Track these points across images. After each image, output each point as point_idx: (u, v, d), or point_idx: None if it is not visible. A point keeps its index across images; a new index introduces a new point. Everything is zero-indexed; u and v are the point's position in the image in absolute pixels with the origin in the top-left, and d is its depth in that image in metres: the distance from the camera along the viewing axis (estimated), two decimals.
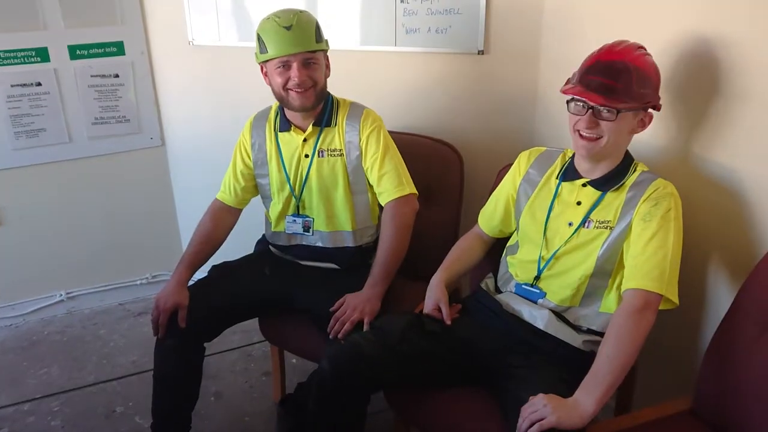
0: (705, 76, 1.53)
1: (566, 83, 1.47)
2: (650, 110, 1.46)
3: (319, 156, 1.83)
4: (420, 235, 1.85)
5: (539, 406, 1.26)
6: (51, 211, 2.65)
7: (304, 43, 1.71)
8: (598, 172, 1.50)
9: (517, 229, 1.67)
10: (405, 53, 2.21)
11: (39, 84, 2.46)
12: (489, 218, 1.76)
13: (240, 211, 1.98)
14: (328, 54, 1.81)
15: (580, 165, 1.53)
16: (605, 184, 1.49)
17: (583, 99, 1.40)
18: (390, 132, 1.89)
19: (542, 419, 1.23)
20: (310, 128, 1.82)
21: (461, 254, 1.77)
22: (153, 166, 2.76)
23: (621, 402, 1.72)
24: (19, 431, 2.10)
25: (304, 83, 1.72)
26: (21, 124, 2.47)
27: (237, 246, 2.00)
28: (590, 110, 1.40)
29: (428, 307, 1.65)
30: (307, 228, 1.90)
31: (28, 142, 2.51)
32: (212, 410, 2.17)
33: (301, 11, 1.74)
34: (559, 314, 1.53)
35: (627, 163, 1.50)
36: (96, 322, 2.74)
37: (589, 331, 1.50)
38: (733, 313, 1.40)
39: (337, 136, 1.83)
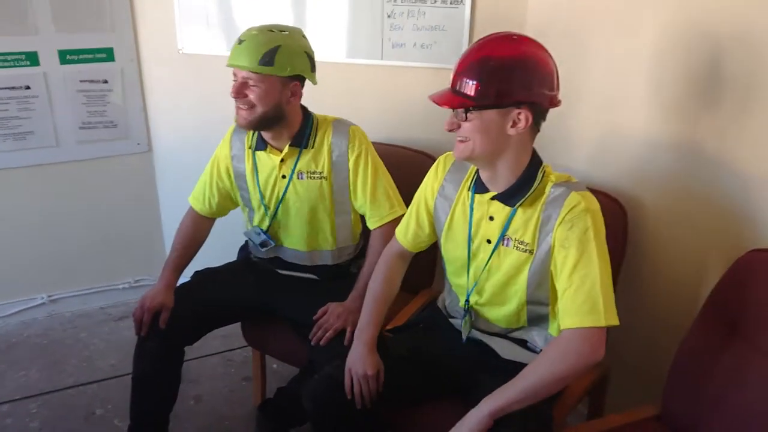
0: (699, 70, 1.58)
1: None
2: (524, 109, 1.29)
3: (298, 178, 1.81)
4: None
5: None
6: (36, 213, 2.66)
7: (243, 60, 1.65)
8: (501, 183, 1.39)
9: (439, 246, 1.60)
10: (391, 67, 2.27)
11: (28, 87, 2.48)
12: (414, 235, 1.63)
13: (216, 218, 1.99)
14: (298, 81, 1.73)
15: (482, 175, 1.42)
16: (511, 198, 1.38)
17: (434, 101, 1.33)
18: (373, 143, 1.92)
19: None
20: (286, 149, 1.78)
21: (388, 291, 1.63)
22: (139, 171, 2.78)
23: (593, 409, 1.76)
24: None
25: (238, 96, 1.68)
26: (8, 126, 2.49)
27: (220, 252, 2.02)
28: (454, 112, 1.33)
29: (362, 374, 1.46)
30: (264, 245, 1.88)
31: (14, 144, 2.52)
32: (192, 413, 2.19)
33: (269, 31, 1.68)
34: (511, 338, 1.51)
35: (532, 170, 1.37)
36: (77, 325, 2.74)
37: None
38: (700, 318, 1.45)
39: (320, 158, 1.80)
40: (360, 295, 1.75)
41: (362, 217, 1.91)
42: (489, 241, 1.44)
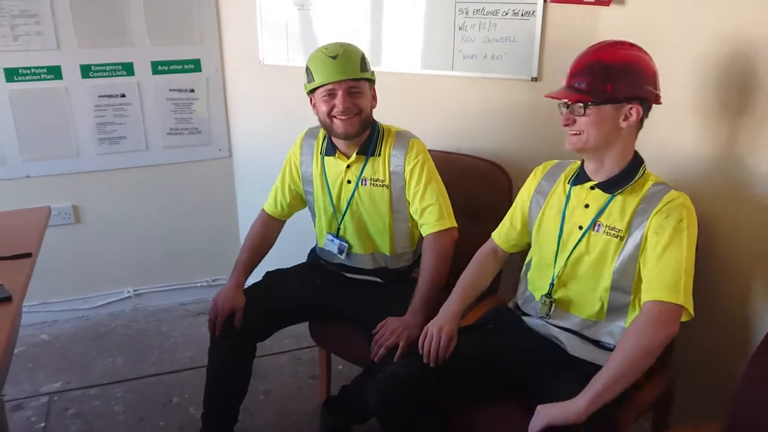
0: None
1: None
2: (635, 104, 1.44)
3: (362, 184, 1.89)
4: (467, 253, 1.89)
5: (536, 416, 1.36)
6: (125, 213, 2.85)
7: (348, 71, 1.77)
8: (605, 173, 1.51)
9: (531, 241, 1.69)
10: (461, 77, 2.31)
11: (123, 95, 2.67)
12: (507, 233, 1.76)
13: (285, 219, 2.09)
14: (375, 85, 1.87)
15: (588, 166, 1.55)
16: (613, 186, 1.50)
17: (552, 97, 1.49)
18: (442, 152, 1.96)
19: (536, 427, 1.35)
20: (354, 156, 1.87)
21: (477, 280, 1.75)
22: (220, 176, 2.93)
23: (657, 423, 1.73)
24: (85, 412, 2.27)
25: (349, 110, 1.77)
26: (105, 131, 2.69)
27: (291, 254, 2.12)
28: (567, 108, 1.48)
29: (437, 329, 1.57)
30: (341, 251, 1.97)
31: (110, 148, 2.72)
32: (260, 407, 2.29)
33: (348, 44, 1.83)
34: (584, 336, 1.54)
35: (635, 165, 1.50)
36: (159, 318, 2.92)
37: None
38: None
39: (381, 167, 1.88)
40: (417, 309, 1.78)
41: None
42: (580, 227, 1.53)
